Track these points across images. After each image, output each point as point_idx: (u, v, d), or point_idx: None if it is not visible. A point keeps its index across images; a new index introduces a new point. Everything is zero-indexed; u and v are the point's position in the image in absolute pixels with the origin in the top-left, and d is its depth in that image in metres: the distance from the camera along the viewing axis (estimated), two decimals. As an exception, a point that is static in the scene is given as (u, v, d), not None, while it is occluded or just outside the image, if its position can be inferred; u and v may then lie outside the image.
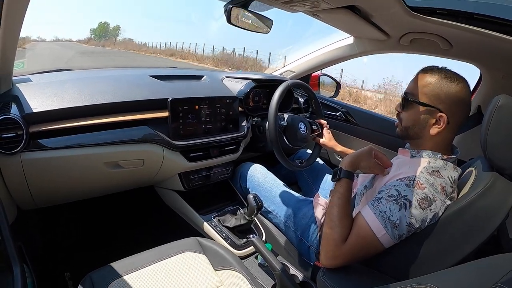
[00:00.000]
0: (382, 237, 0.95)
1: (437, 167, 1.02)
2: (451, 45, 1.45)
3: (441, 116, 1.05)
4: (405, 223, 0.94)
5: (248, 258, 1.55)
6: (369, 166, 1.16)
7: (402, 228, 0.94)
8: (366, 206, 1.02)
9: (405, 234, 0.95)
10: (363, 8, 1.25)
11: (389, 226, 0.94)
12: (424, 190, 0.95)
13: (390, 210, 0.95)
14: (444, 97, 1.04)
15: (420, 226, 0.95)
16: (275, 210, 1.63)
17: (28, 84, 1.37)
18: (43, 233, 1.84)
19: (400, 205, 0.95)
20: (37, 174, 1.27)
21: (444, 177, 1.01)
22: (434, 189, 0.96)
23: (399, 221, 0.94)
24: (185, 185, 1.74)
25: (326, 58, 2.13)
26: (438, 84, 1.05)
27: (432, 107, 1.06)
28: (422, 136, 1.11)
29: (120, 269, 1.10)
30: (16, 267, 0.92)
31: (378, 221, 0.96)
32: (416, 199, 0.94)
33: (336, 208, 1.06)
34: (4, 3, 0.91)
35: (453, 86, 1.04)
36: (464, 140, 1.67)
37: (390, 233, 0.94)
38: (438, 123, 1.06)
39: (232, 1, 1.48)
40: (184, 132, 1.59)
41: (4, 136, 1.13)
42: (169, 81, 1.75)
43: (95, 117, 1.36)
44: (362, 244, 0.98)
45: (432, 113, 1.07)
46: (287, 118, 1.75)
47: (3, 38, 1.03)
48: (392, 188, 0.99)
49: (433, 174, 1.00)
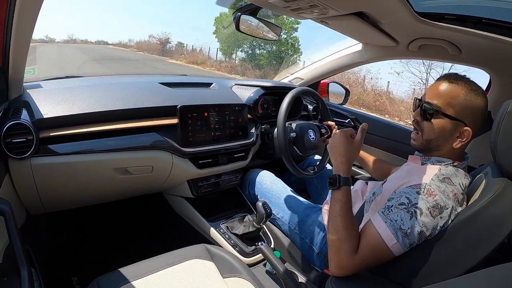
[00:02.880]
0: (393, 246, 0.94)
1: (448, 174, 1.01)
2: (460, 51, 1.45)
3: (466, 130, 1.03)
4: (416, 232, 0.92)
5: (257, 266, 1.54)
6: (358, 149, 1.20)
7: (413, 237, 0.93)
8: (376, 215, 1.01)
9: (415, 242, 0.94)
10: (371, 14, 1.25)
11: (400, 235, 0.93)
12: (435, 198, 0.94)
13: (401, 219, 0.94)
14: (471, 112, 1.02)
15: (431, 233, 0.93)
16: (283, 217, 1.62)
17: (38, 90, 1.39)
18: (52, 237, 1.86)
19: (411, 214, 0.93)
20: (47, 179, 1.28)
21: (455, 184, 1.00)
22: (446, 196, 0.95)
23: (410, 230, 0.92)
24: (194, 192, 1.74)
25: (335, 65, 2.14)
26: (466, 98, 1.02)
27: (459, 121, 1.04)
28: (443, 149, 1.09)
29: (127, 275, 1.10)
30: (24, 270, 0.92)
31: (389, 230, 0.95)
32: (427, 207, 0.93)
33: (340, 218, 1.04)
34: (15, 13, 0.92)
35: (479, 100, 1.02)
36: (474, 146, 1.64)
37: (401, 242, 0.93)
38: (462, 136, 1.04)
39: (241, 8, 1.50)
40: (193, 139, 1.60)
41: (15, 141, 1.14)
42: (179, 88, 1.76)
43: (105, 123, 1.37)
44: (373, 254, 0.97)
45: (457, 127, 1.04)
46: (295, 128, 1.75)
47: (15, 45, 1.05)
48: (403, 196, 0.98)
49: (444, 181, 0.99)
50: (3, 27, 0.97)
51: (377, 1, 1.10)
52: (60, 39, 31.34)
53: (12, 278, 0.92)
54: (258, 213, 1.48)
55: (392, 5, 1.11)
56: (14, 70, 1.17)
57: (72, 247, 1.90)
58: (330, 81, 2.47)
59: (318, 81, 2.40)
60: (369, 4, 1.14)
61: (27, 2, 0.92)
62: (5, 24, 0.96)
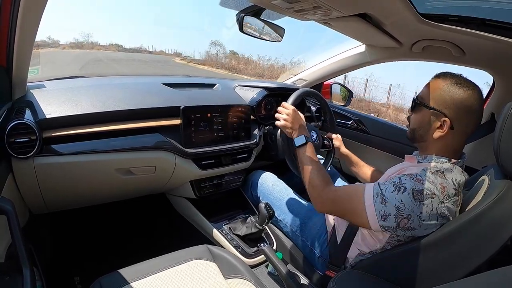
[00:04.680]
0: (369, 208, 1.03)
1: (442, 168, 1.03)
2: (463, 52, 1.44)
3: (445, 120, 1.05)
4: (393, 204, 0.99)
5: (259, 267, 1.54)
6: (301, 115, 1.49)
7: (389, 208, 0.99)
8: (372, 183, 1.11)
9: (390, 216, 0.99)
10: (375, 16, 1.25)
11: (378, 200, 1.02)
12: (422, 185, 0.98)
13: (386, 189, 1.02)
14: (450, 102, 1.05)
15: (408, 216, 0.97)
16: (285, 219, 1.62)
17: (42, 90, 1.40)
18: (54, 237, 1.86)
19: (396, 188, 1.00)
20: (49, 178, 1.29)
21: (447, 178, 1.01)
22: (434, 186, 0.98)
23: (388, 199, 1.00)
24: (196, 192, 1.74)
25: (338, 66, 2.14)
26: (446, 89, 1.06)
27: (437, 111, 1.07)
28: (426, 139, 1.13)
29: (129, 275, 1.10)
30: (26, 269, 0.93)
31: (372, 190, 1.05)
32: (411, 188, 0.97)
33: (310, 164, 1.29)
34: (19, 12, 0.93)
35: (461, 92, 1.04)
36: (477, 148, 1.65)
37: (376, 206, 1.02)
38: (442, 127, 1.07)
39: (244, 10, 1.49)
40: (196, 140, 1.60)
41: (18, 141, 1.14)
42: (182, 89, 1.77)
43: (108, 123, 1.38)
44: (347, 199, 1.12)
45: (437, 117, 1.08)
46: None
47: (19, 45, 1.05)
48: (396, 177, 1.04)
49: (435, 174, 1.01)
50: (7, 27, 0.98)
51: (381, 2, 1.10)
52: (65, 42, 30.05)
53: (14, 277, 0.92)
54: (261, 214, 1.48)
55: (395, 7, 1.11)
56: (18, 70, 1.17)
57: (74, 247, 1.90)
58: (333, 83, 2.47)
59: (321, 82, 2.40)
60: (372, 5, 1.15)
61: (31, 2, 0.92)
62: (10, 24, 0.97)
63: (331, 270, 1.28)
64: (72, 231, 1.95)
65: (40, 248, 1.39)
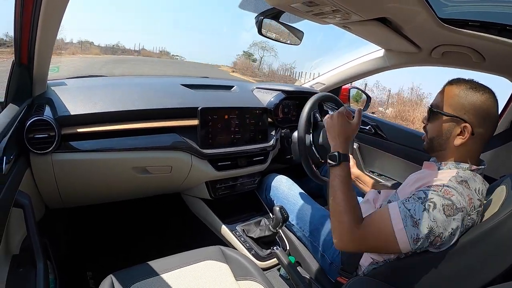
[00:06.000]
0: (399, 232, 0.93)
1: (466, 177, 1.00)
2: (483, 58, 1.42)
3: (465, 126, 1.02)
4: (426, 225, 0.91)
5: (270, 270, 1.54)
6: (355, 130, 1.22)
7: (422, 230, 0.91)
8: (394, 202, 1.01)
9: (423, 238, 0.91)
10: (394, 20, 1.23)
11: (409, 222, 0.93)
12: (452, 198, 0.93)
13: (414, 209, 0.94)
14: (469, 107, 1.02)
15: (441, 234, 0.91)
16: (298, 224, 1.61)
17: (62, 87, 1.43)
18: (69, 232, 1.90)
19: (425, 206, 0.93)
20: (66, 174, 1.32)
21: (471, 188, 0.98)
22: (463, 198, 0.94)
23: (420, 220, 0.92)
24: (211, 193, 1.75)
25: (357, 70, 2.12)
26: (462, 94, 1.04)
27: (456, 117, 1.04)
28: (446, 148, 1.09)
29: (142, 273, 1.11)
30: (40, 262, 0.95)
31: (399, 214, 0.95)
32: (441, 204, 0.92)
33: (340, 192, 1.07)
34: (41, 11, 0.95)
35: (478, 96, 1.02)
36: (496, 156, 1.60)
37: (408, 230, 0.92)
38: (462, 133, 1.04)
39: (263, 12, 1.50)
40: (212, 141, 1.61)
41: (37, 137, 1.17)
42: (200, 90, 1.78)
43: (126, 122, 1.39)
44: (377, 233, 0.98)
45: (456, 124, 1.05)
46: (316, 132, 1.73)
47: (40, 42, 1.08)
48: (421, 192, 0.97)
49: (461, 184, 0.97)
50: (29, 25, 1.00)
51: (401, 7, 1.09)
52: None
53: (28, 269, 0.94)
54: (275, 217, 1.47)
55: (415, 11, 1.10)
56: (38, 67, 1.20)
57: (88, 242, 1.93)
58: (351, 87, 2.46)
59: (340, 87, 2.38)
60: (392, 9, 1.13)
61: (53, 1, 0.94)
62: (31, 22, 0.99)
63: (343, 277, 1.27)
64: (87, 227, 1.98)
65: (54, 242, 1.42)
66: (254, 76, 22.26)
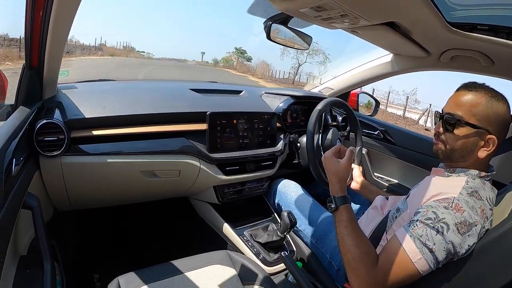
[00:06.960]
0: (418, 262, 0.90)
1: (475, 187, 0.98)
2: (492, 62, 1.40)
3: (491, 138, 1.00)
4: (442, 249, 0.88)
5: (278, 275, 1.53)
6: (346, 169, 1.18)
7: (439, 254, 0.89)
8: (401, 229, 0.98)
9: (442, 260, 0.90)
10: (403, 24, 1.23)
11: (426, 250, 0.89)
12: (464, 214, 0.90)
13: (427, 235, 0.90)
14: (494, 119, 1.00)
15: (458, 252, 0.89)
16: (305, 230, 1.60)
17: (72, 91, 1.45)
18: (77, 234, 1.91)
19: (437, 230, 0.89)
20: (75, 177, 1.33)
21: (483, 198, 0.96)
22: (474, 212, 0.91)
23: (436, 246, 0.88)
24: (219, 198, 1.75)
25: (365, 75, 2.11)
26: (488, 105, 1.00)
27: (482, 129, 1.00)
28: (468, 159, 1.06)
29: (148, 276, 1.11)
30: (47, 264, 0.95)
31: (413, 244, 0.91)
32: (455, 223, 0.89)
33: (348, 237, 1.04)
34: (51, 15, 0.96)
35: (500, 106, 1.00)
36: (505, 162, 1.58)
37: (426, 257, 0.89)
38: (487, 145, 1.01)
39: (272, 17, 1.50)
40: (221, 146, 1.61)
41: (46, 139, 1.19)
42: (209, 94, 1.79)
43: (135, 126, 1.41)
44: (396, 269, 0.92)
45: (481, 135, 1.01)
46: (324, 138, 1.73)
47: (51, 45, 1.09)
48: (430, 211, 0.94)
49: (472, 195, 0.95)
50: (40, 28, 1.01)
51: (409, 11, 1.09)
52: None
53: (35, 270, 0.95)
54: (283, 223, 1.47)
55: (423, 15, 1.09)
56: (49, 71, 1.21)
57: (96, 244, 1.94)
58: (360, 92, 2.45)
59: (348, 91, 2.37)
60: (400, 14, 1.13)
61: (64, 3, 0.95)
62: (42, 25, 1.00)
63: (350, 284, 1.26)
64: (95, 230, 1.99)
65: (62, 244, 1.43)
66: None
